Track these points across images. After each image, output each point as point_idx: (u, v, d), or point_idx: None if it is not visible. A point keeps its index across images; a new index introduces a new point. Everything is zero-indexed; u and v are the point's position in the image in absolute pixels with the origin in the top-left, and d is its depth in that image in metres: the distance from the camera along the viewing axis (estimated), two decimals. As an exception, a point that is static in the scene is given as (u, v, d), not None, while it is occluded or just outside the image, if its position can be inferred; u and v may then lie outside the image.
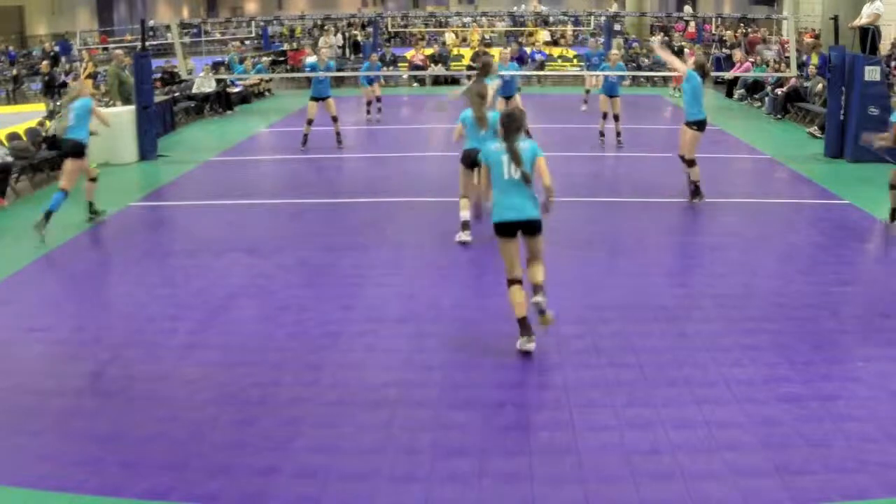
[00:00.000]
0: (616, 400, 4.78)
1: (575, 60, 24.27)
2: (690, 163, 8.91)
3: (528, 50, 25.65)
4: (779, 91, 15.84)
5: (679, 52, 23.30)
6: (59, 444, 4.41)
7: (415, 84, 22.13)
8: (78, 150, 8.48)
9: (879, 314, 6.07)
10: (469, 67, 22.76)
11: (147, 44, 15.59)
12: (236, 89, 18.23)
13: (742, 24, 29.58)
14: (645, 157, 12.27)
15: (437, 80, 21.61)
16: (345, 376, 5.16)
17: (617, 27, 28.17)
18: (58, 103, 13.94)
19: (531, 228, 5.37)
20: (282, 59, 24.71)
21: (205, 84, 17.05)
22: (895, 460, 4.11)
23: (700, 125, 8.75)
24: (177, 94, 16.45)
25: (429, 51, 25.44)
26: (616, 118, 12.73)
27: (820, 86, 14.35)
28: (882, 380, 4.98)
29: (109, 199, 10.05)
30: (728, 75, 18.39)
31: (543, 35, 30.61)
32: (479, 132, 7.29)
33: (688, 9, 35.95)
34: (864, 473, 4.01)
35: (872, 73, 11.28)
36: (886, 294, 6.52)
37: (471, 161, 7.50)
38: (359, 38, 27.86)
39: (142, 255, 7.86)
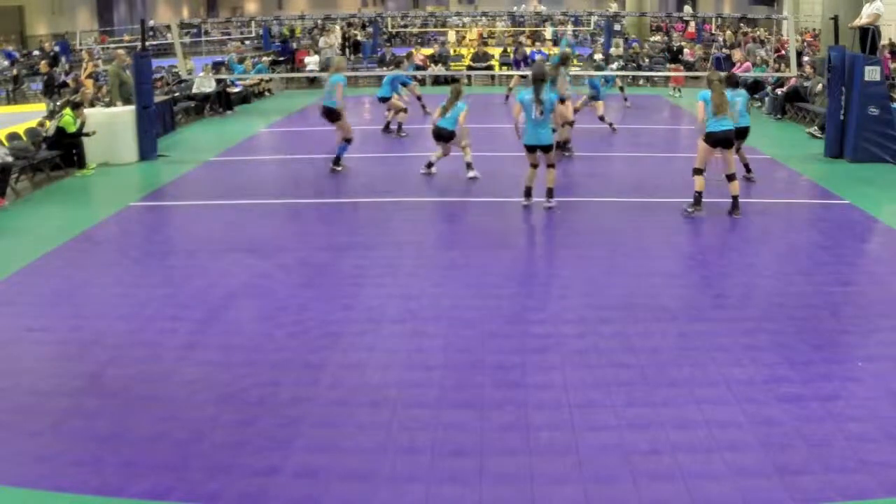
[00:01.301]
0: (616, 400, 4.78)
1: (574, 60, 24.23)
2: (693, 171, 8.81)
3: (527, 51, 25.66)
4: (779, 91, 15.85)
5: (679, 52, 23.36)
6: (59, 444, 4.41)
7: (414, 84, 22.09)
8: (332, 115, 10.81)
9: (879, 314, 6.08)
10: (469, 67, 22.79)
11: (147, 44, 15.59)
12: (236, 89, 18.23)
13: (742, 24, 29.60)
14: (645, 157, 12.29)
15: (438, 80, 21.59)
16: (345, 376, 5.16)
17: (617, 27, 28.16)
18: (57, 103, 13.94)
19: (546, 148, 8.81)
20: (282, 59, 24.73)
21: (205, 84, 17.04)
22: (895, 460, 4.12)
23: (706, 137, 8.61)
24: (177, 94, 16.45)
25: (428, 51, 25.42)
26: (601, 118, 13.87)
27: (820, 86, 14.35)
28: (882, 380, 4.99)
29: (109, 199, 10.08)
30: (728, 75, 18.35)
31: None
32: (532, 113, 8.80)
33: (688, 9, 36.01)
34: (864, 473, 4.01)
35: (872, 73, 11.28)
36: (886, 294, 6.53)
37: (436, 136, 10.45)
38: (359, 38, 27.86)
39: (142, 255, 7.86)
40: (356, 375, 5.17)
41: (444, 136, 10.40)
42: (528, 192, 9.04)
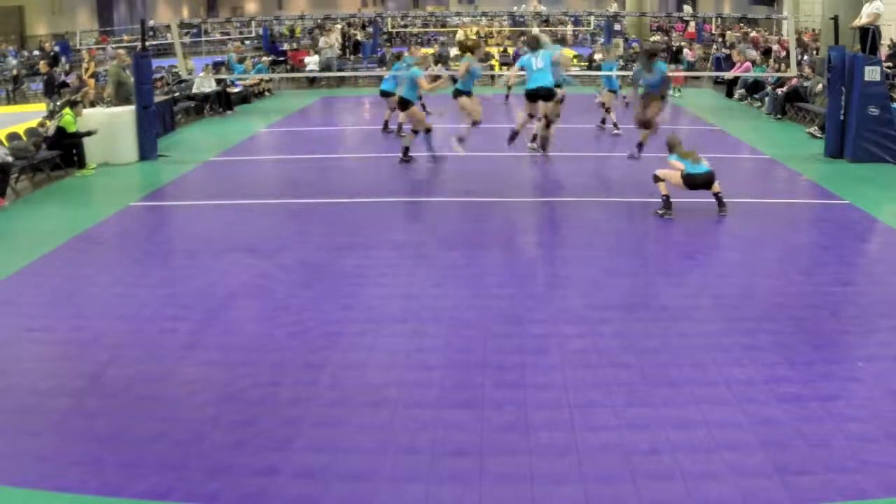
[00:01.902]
0: (616, 400, 4.78)
1: (575, 60, 24.24)
2: (653, 178, 8.84)
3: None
4: (779, 91, 15.84)
5: (679, 52, 23.36)
6: (59, 444, 4.41)
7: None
8: (404, 104, 11.51)
9: (879, 314, 6.08)
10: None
11: (147, 44, 15.59)
12: (236, 89, 18.22)
13: (741, 24, 29.61)
14: (645, 156, 12.26)
15: (437, 80, 21.56)
16: (345, 376, 5.16)
17: (617, 27, 28.18)
18: (57, 103, 13.94)
19: (546, 94, 9.62)
20: (282, 59, 24.73)
21: (205, 84, 17.04)
22: (895, 460, 4.12)
23: (686, 178, 8.54)
24: (177, 94, 16.44)
25: (429, 51, 25.40)
26: (608, 111, 14.05)
27: (820, 86, 14.35)
28: (882, 380, 4.98)
29: (109, 199, 10.08)
30: (728, 75, 18.38)
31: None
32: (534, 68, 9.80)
33: (688, 9, 36.00)
34: (864, 473, 4.01)
35: (872, 73, 11.27)
36: (886, 294, 6.52)
37: (457, 94, 11.24)
38: (359, 38, 27.85)
39: (142, 255, 7.86)
40: (356, 375, 5.17)
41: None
42: (513, 136, 10.22)
